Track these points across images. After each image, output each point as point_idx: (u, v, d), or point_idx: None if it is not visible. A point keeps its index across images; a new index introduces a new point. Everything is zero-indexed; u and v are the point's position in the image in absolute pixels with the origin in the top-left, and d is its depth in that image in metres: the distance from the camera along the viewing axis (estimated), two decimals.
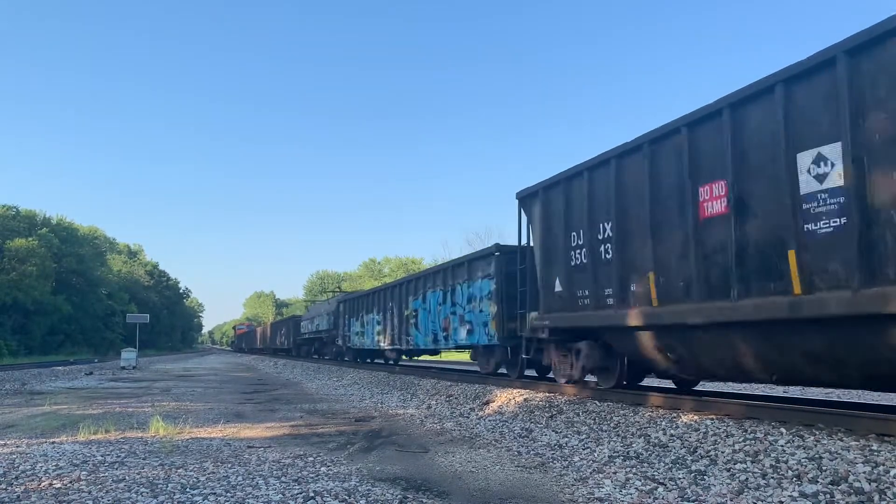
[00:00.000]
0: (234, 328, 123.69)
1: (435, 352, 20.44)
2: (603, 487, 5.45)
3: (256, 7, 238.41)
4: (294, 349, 42.85)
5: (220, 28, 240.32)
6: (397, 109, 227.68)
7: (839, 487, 4.68)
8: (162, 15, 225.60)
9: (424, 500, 5.09)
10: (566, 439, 7.70)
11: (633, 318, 8.58)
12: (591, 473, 6.01)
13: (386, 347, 21.42)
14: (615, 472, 5.90)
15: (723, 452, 5.98)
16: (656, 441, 6.85)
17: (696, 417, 7.29)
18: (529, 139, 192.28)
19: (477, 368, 16.08)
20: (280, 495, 5.09)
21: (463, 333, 15.29)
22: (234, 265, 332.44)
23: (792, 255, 6.30)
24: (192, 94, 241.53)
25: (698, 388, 11.06)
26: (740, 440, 6.15)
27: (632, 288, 8.74)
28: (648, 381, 12.19)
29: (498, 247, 13.79)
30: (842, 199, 5.85)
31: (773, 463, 5.42)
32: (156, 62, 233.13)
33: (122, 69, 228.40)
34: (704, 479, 5.41)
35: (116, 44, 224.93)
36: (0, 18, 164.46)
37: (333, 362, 30.61)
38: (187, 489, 5.26)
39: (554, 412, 9.22)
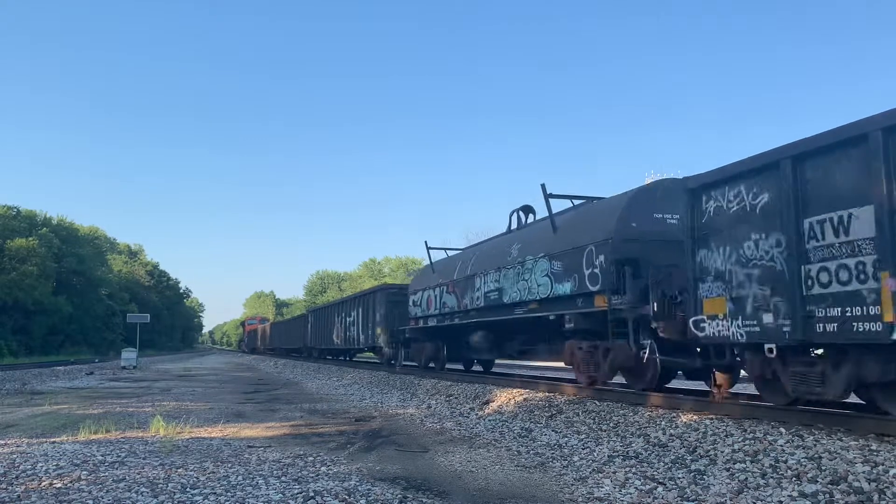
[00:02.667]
0: (241, 324, 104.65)
1: None
2: (602, 487, 5.45)
3: (258, 11, 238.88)
4: (392, 354, 21.35)
5: (220, 29, 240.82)
6: (397, 110, 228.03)
7: (839, 487, 4.69)
8: (163, 15, 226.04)
9: (424, 500, 5.10)
10: (566, 439, 7.70)
11: None
12: (590, 473, 6.01)
13: None
14: (615, 472, 5.90)
15: (722, 452, 5.98)
16: (656, 441, 6.86)
17: (695, 417, 7.29)
18: (529, 140, 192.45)
19: None
20: (280, 495, 5.10)
21: None
22: (234, 265, 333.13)
23: None
24: (192, 95, 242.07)
25: (699, 388, 11.02)
26: (740, 440, 6.16)
27: None
28: None
29: None
30: None
31: (773, 463, 5.42)
32: (156, 63, 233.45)
33: (122, 68, 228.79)
34: (704, 479, 5.42)
35: (116, 43, 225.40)
36: (1, 17, 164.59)
37: (333, 362, 28.48)
38: (187, 489, 5.27)
39: (553, 412, 9.23)
